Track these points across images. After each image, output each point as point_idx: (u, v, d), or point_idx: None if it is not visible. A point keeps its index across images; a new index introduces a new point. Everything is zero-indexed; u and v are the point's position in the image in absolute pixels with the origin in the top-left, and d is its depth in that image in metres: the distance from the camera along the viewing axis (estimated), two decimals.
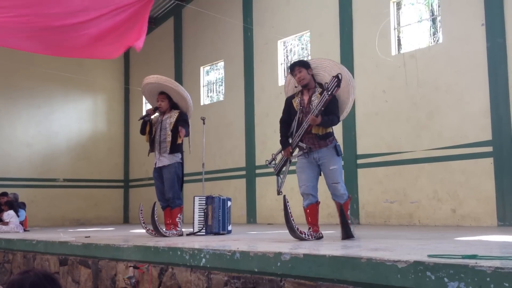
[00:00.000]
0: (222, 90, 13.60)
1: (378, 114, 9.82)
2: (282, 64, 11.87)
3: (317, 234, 5.11)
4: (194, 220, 7.07)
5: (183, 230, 6.77)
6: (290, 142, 5.31)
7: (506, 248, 3.91)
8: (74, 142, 15.71)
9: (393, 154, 9.53)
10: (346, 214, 5.09)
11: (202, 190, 8.06)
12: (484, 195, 8.26)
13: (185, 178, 6.88)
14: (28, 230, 10.52)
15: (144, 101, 15.91)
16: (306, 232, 5.06)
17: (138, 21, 8.59)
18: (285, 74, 11.31)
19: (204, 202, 7.00)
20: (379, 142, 9.75)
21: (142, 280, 4.82)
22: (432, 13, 9.71)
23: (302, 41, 11.87)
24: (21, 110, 14.84)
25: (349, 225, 5.03)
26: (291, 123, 5.31)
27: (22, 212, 10.75)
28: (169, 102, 6.68)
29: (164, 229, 6.47)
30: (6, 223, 10.06)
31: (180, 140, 6.57)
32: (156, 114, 6.79)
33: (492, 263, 2.62)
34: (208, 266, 4.17)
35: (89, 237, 6.72)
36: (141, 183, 15.84)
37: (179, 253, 4.44)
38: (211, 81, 14.15)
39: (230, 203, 7.09)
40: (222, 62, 13.51)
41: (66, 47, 9.16)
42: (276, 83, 11.76)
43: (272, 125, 10.57)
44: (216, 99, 13.91)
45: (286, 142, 5.34)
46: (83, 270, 5.72)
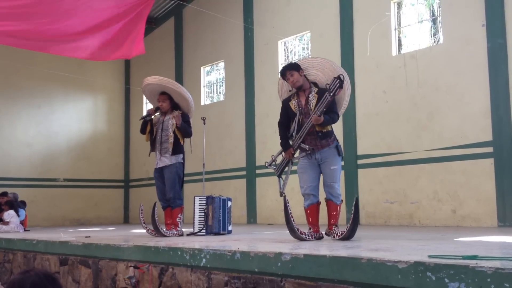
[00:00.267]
0: (223, 90, 13.60)
1: (378, 114, 9.82)
2: (282, 64, 11.86)
3: (317, 235, 5.12)
4: (194, 220, 7.06)
5: (184, 230, 6.76)
6: (291, 144, 5.32)
7: (506, 248, 3.91)
8: (74, 142, 15.71)
9: (393, 154, 9.53)
10: (338, 216, 5.13)
11: (202, 190, 8.06)
12: (484, 196, 8.26)
13: (185, 178, 6.88)
14: (28, 230, 10.52)
15: (144, 101, 15.91)
16: (307, 232, 5.06)
17: (135, 27, 8.65)
18: None
19: (204, 202, 7.00)
20: (380, 142, 9.75)
21: (142, 280, 4.82)
22: (432, 13, 9.71)
23: (303, 41, 11.86)
24: (21, 110, 14.84)
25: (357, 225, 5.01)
26: (290, 125, 5.32)
27: (22, 211, 10.74)
28: (170, 103, 6.65)
29: (164, 229, 6.47)
30: (7, 223, 10.06)
31: (182, 141, 6.58)
32: (157, 114, 6.78)
33: (492, 264, 2.62)
34: (208, 266, 4.16)
35: (89, 237, 6.72)
36: (141, 183, 15.84)
37: (180, 253, 4.44)
38: (212, 81, 14.15)
39: (230, 203, 7.09)
40: (223, 62, 13.51)
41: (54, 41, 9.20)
42: (276, 84, 11.67)
43: (272, 125, 10.54)
44: (216, 99, 13.92)
45: (287, 144, 5.34)
46: (84, 270, 5.72)
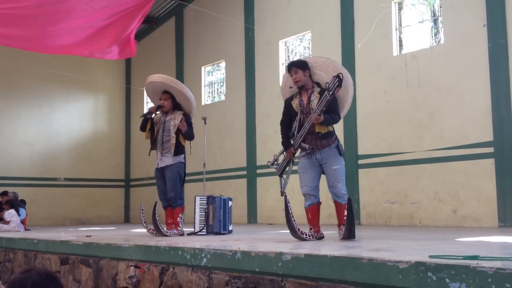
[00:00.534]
0: (223, 90, 13.60)
1: (379, 114, 9.82)
2: (283, 64, 11.86)
3: (318, 235, 5.11)
4: (195, 219, 7.07)
5: (184, 229, 6.76)
6: (292, 143, 5.31)
7: (507, 249, 3.91)
8: (75, 141, 15.71)
9: (394, 154, 9.52)
10: (344, 216, 5.08)
11: (203, 190, 8.07)
12: (485, 196, 8.26)
13: (186, 178, 6.87)
14: (28, 229, 10.52)
15: (145, 100, 15.92)
16: (307, 232, 5.06)
17: (129, 27, 8.70)
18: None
19: (205, 202, 7.00)
20: (380, 142, 9.74)
21: (143, 279, 4.82)
22: (433, 13, 9.71)
23: (304, 41, 11.86)
24: (22, 109, 14.85)
25: (354, 224, 5.00)
26: (292, 124, 5.31)
27: (22, 210, 10.75)
28: (172, 102, 6.63)
29: (165, 228, 6.47)
30: (7, 222, 10.07)
31: (184, 142, 6.58)
32: (158, 113, 6.76)
33: (493, 264, 2.62)
34: (209, 266, 4.16)
35: (90, 236, 6.72)
36: (142, 183, 15.84)
37: (180, 252, 4.44)
38: (212, 81, 14.15)
39: (231, 203, 7.09)
40: (224, 62, 13.51)
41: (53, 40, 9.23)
42: (277, 83, 11.74)
43: (273, 125, 10.56)
44: (217, 99, 13.92)
45: (288, 143, 5.34)
46: (84, 269, 5.72)
